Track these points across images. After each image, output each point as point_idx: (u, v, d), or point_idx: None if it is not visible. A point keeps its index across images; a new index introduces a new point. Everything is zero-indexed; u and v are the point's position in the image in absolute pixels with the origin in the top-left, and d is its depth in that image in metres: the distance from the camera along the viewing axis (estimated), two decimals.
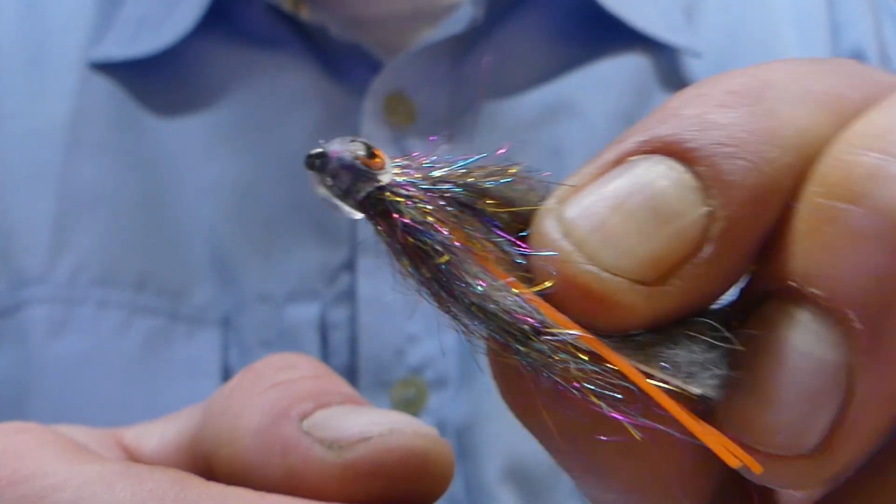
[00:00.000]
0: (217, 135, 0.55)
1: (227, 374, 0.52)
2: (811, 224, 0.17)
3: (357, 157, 0.18)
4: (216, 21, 0.55)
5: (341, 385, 0.23)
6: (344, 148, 0.19)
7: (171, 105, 0.55)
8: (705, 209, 0.17)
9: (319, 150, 0.19)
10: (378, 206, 0.18)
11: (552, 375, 0.17)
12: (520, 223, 0.19)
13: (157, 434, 0.25)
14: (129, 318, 0.52)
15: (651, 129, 0.18)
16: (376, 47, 0.55)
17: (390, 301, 0.52)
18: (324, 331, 0.52)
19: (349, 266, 0.53)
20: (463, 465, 0.51)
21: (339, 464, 0.21)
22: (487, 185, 0.19)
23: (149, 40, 0.55)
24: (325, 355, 0.52)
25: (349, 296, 0.52)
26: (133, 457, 0.25)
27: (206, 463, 0.23)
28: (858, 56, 0.60)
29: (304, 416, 0.22)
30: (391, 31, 0.56)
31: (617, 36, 0.57)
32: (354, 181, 0.19)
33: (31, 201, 0.54)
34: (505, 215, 0.19)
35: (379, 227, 0.19)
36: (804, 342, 0.17)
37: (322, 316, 0.52)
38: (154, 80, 0.56)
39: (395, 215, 0.18)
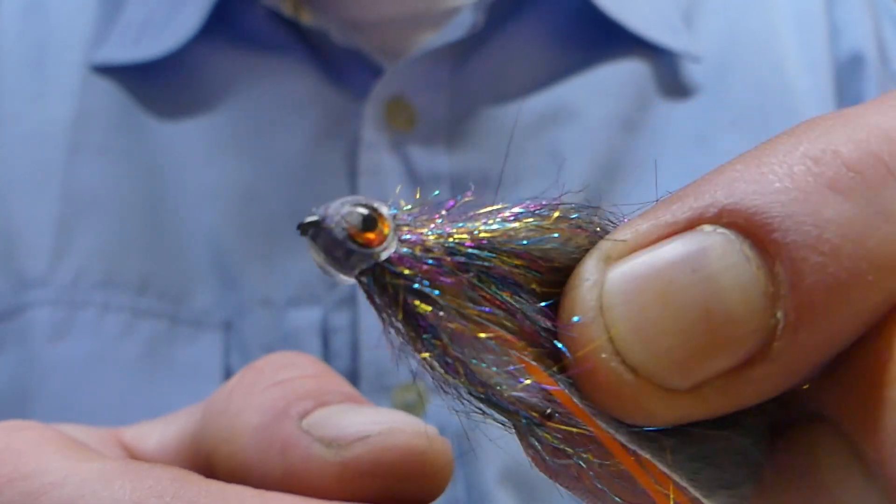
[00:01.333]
0: (218, 139, 0.55)
1: (228, 378, 0.52)
2: None
3: (350, 234, 0.16)
4: (218, 26, 0.55)
5: (342, 384, 0.23)
6: (339, 218, 0.16)
7: (173, 109, 0.55)
8: (772, 321, 0.14)
9: (313, 217, 0.17)
10: (376, 282, 0.16)
11: (557, 462, 0.15)
12: (557, 275, 0.16)
13: (156, 433, 0.25)
14: (132, 321, 0.52)
15: (731, 189, 0.14)
16: (377, 52, 0.55)
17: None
18: (325, 335, 0.52)
19: None
20: (463, 467, 0.51)
21: (338, 462, 0.20)
22: (520, 244, 0.16)
23: (151, 45, 0.55)
24: (327, 359, 0.52)
25: (350, 300, 0.53)
26: (133, 455, 0.25)
27: (206, 461, 0.23)
28: (857, 58, 0.60)
29: (303, 415, 0.22)
30: (391, 35, 0.57)
31: (616, 41, 0.57)
32: (347, 257, 0.16)
33: (33, 203, 0.54)
34: (539, 272, 0.16)
35: (376, 303, 0.16)
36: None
37: (324, 320, 0.52)
38: (156, 83, 0.56)
39: (395, 295, 0.16)
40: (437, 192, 0.17)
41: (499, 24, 0.56)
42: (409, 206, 0.16)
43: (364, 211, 0.16)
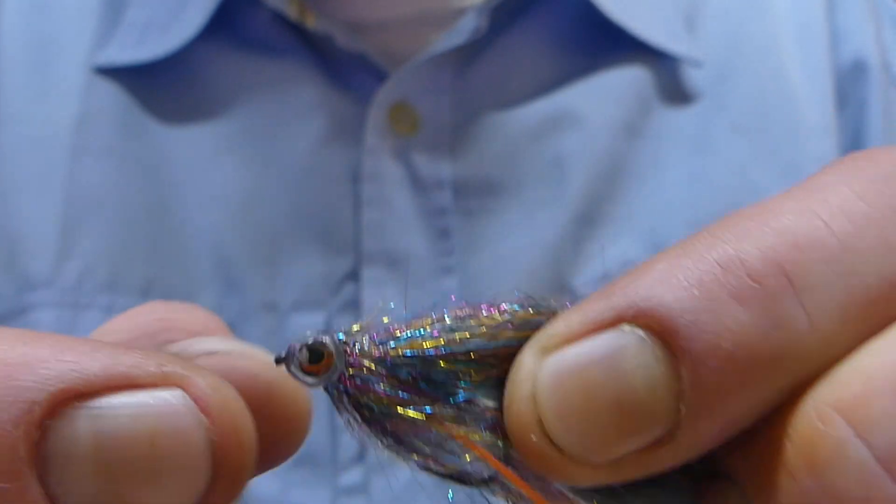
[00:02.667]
0: (222, 143, 0.55)
1: None
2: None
3: (302, 368, 0.19)
4: (222, 29, 0.55)
5: (226, 333, 0.23)
6: (293, 356, 0.20)
7: (177, 112, 0.55)
8: (675, 414, 0.16)
9: (277, 355, 0.20)
10: (331, 396, 0.20)
11: None
12: (500, 361, 0.19)
13: None
14: None
15: (649, 292, 0.16)
16: (381, 56, 0.55)
17: (395, 311, 0.52)
18: None
19: (354, 276, 0.53)
20: None
21: None
22: (461, 349, 0.19)
23: (153, 46, 0.55)
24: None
25: (354, 305, 0.53)
26: None
27: None
28: (860, 65, 0.60)
29: (169, 342, 0.21)
30: (396, 38, 0.57)
31: (619, 46, 0.57)
32: (305, 383, 0.20)
33: (37, 205, 0.54)
34: (480, 363, 0.19)
35: (336, 406, 0.20)
36: None
37: (327, 325, 0.52)
38: (159, 85, 0.56)
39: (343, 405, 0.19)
40: (391, 305, 0.21)
41: (502, 28, 0.56)
42: (358, 329, 0.20)
43: (311, 346, 0.20)
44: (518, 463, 0.18)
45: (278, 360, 0.20)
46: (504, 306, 0.20)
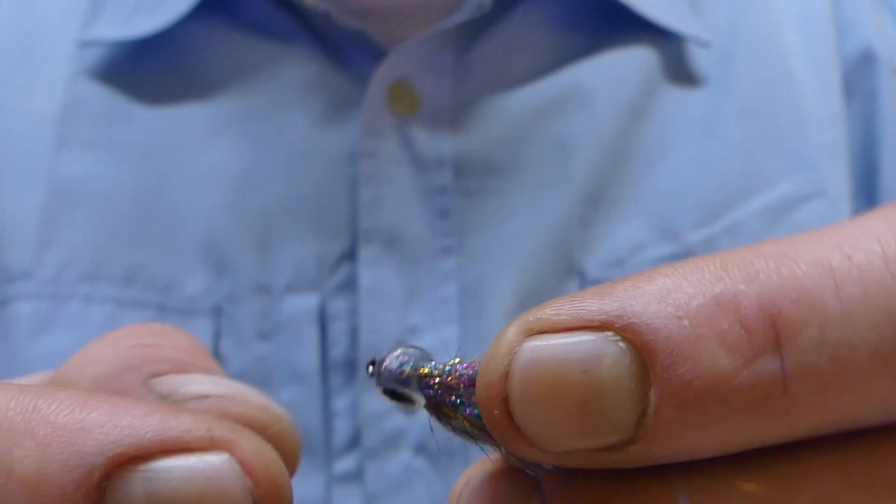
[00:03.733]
0: (215, 123, 0.54)
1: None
2: None
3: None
4: (215, 7, 0.54)
5: (211, 365, 0.23)
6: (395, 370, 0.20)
7: (167, 93, 0.54)
8: (633, 430, 0.16)
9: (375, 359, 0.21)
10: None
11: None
12: None
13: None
14: (116, 312, 0.51)
15: (643, 307, 0.16)
16: (381, 36, 0.54)
17: (392, 291, 0.52)
18: (323, 322, 0.51)
19: (350, 255, 0.52)
20: (465, 455, 0.50)
21: None
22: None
23: (142, 23, 0.54)
24: (324, 347, 0.51)
25: (350, 286, 0.52)
26: None
27: None
28: (868, 56, 0.59)
29: (154, 375, 0.21)
30: (397, 19, 0.56)
31: (624, 25, 0.56)
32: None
33: (19, 197, 0.53)
34: None
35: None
36: None
37: (321, 307, 0.51)
38: (148, 66, 0.54)
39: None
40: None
41: (505, 7, 0.55)
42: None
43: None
44: None
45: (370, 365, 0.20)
46: None
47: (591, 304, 0.17)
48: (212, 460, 0.16)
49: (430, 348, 0.21)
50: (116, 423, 0.16)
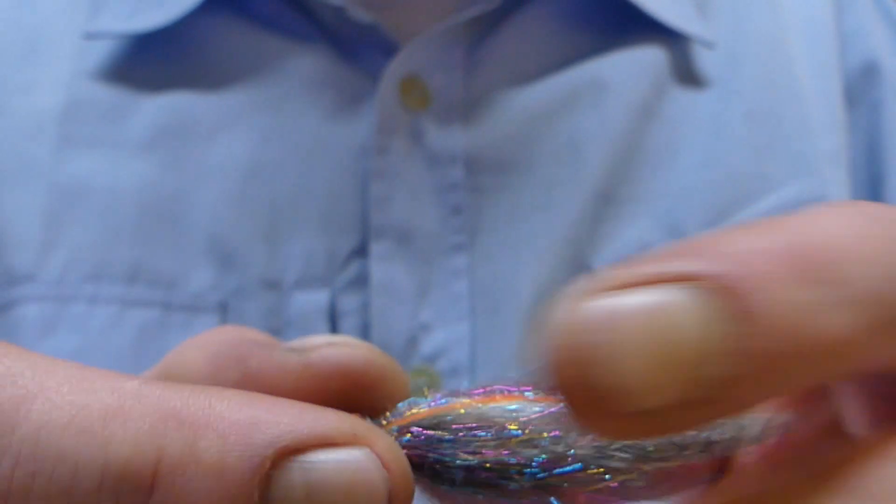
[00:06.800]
0: (223, 115, 0.53)
1: None
2: None
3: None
4: (223, 1, 0.54)
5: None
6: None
7: (174, 86, 0.53)
8: (725, 374, 0.16)
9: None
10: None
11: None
12: None
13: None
14: (121, 311, 0.50)
15: (713, 257, 0.16)
16: (393, 31, 0.54)
17: (403, 288, 0.51)
18: (333, 319, 0.51)
19: (361, 251, 0.52)
20: None
21: (301, 362, 0.22)
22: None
23: (149, 17, 0.53)
24: None
25: (361, 282, 0.51)
26: None
27: None
28: (872, 67, 0.60)
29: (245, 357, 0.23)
30: (409, 13, 0.55)
31: (633, 25, 0.56)
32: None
33: (21, 199, 0.52)
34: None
35: None
36: None
37: (332, 303, 0.51)
38: (154, 60, 0.54)
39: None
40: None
41: (516, 2, 0.55)
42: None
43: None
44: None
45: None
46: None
47: (673, 261, 0.17)
48: (357, 454, 0.18)
49: (443, 345, 0.21)
50: (279, 420, 0.18)
